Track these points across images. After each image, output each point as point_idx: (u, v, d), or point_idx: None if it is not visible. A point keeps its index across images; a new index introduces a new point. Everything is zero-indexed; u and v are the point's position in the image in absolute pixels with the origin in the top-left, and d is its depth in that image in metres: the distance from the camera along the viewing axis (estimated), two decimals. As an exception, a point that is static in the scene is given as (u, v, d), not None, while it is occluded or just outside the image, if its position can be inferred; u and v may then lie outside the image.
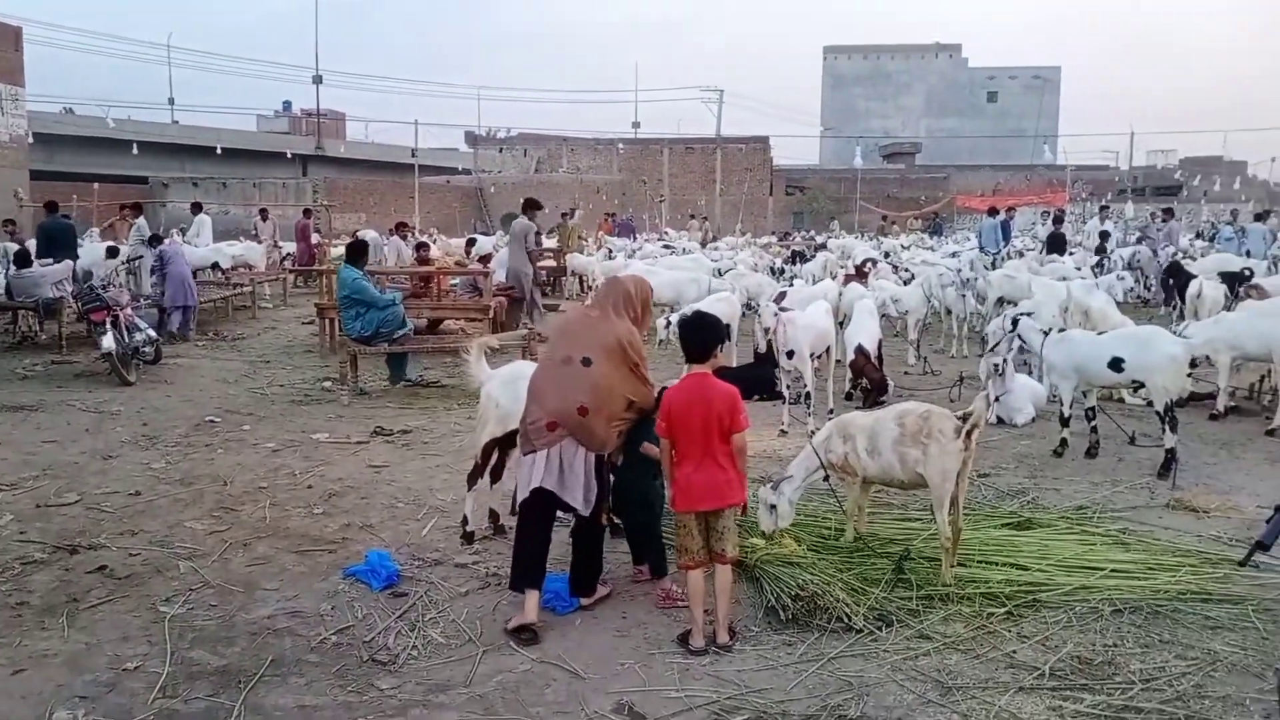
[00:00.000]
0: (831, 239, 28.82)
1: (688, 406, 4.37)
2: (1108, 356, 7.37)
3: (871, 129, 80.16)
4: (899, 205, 47.58)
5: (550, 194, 47.09)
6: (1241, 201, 39.96)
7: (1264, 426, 8.53)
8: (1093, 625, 4.56)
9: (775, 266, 17.22)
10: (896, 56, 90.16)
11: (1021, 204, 39.73)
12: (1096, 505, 6.34)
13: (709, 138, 50.46)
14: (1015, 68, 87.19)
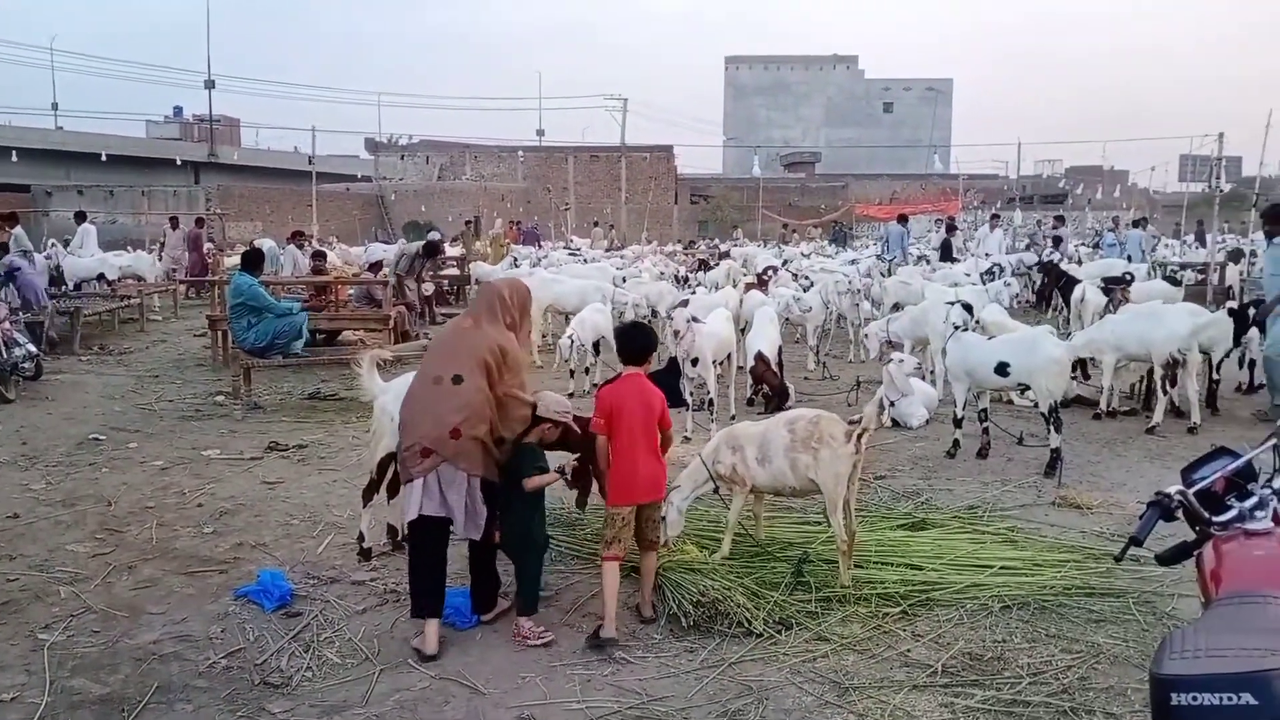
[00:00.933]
0: (735, 247, 29.15)
1: (629, 403, 4.61)
2: (994, 361, 7.62)
3: (773, 138, 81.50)
4: (800, 214, 48.47)
5: (453, 201, 46.74)
6: (1123, 209, 41.82)
7: (1145, 425, 8.91)
8: (983, 622, 4.70)
9: (679, 275, 17.33)
10: (796, 67, 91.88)
11: (918, 212, 40.79)
12: (987, 504, 6.54)
13: (614, 146, 50.66)
14: (910, 79, 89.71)
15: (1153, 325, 8.78)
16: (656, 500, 4.80)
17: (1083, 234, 35.21)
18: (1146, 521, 2.95)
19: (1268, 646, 2.17)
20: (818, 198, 54.06)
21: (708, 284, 15.93)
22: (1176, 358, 8.63)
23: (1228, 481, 3.11)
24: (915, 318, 10.72)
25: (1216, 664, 2.12)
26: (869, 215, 46.32)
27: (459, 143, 55.86)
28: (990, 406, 8.38)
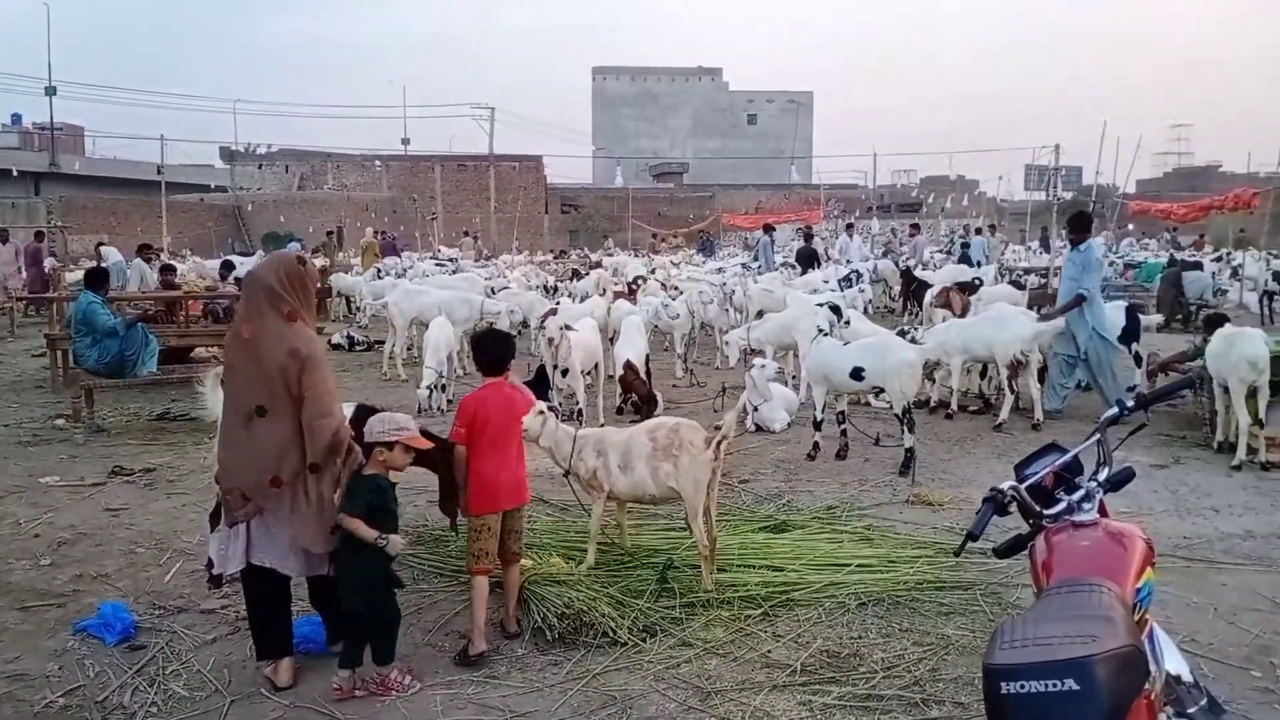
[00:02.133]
0: (606, 256, 29.30)
1: (491, 410, 4.56)
2: (849, 366, 7.87)
3: (642, 149, 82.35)
4: (670, 223, 49.07)
5: (315, 212, 45.45)
6: (973, 217, 43.89)
7: (993, 423, 9.33)
8: (841, 619, 4.82)
9: (547, 284, 17.29)
10: (663, 79, 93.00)
11: (782, 221, 41.81)
12: (846, 504, 6.73)
13: (482, 155, 50.09)
14: (772, 91, 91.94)
15: (996, 328, 9.23)
16: (521, 505, 4.77)
17: (937, 240, 36.73)
18: (982, 517, 3.08)
19: (1091, 633, 2.29)
20: (686, 207, 54.84)
21: (577, 293, 15.94)
22: (1020, 359, 9.09)
23: (1057, 476, 3.28)
24: (780, 324, 10.96)
25: (1042, 652, 2.22)
26: (736, 225, 47.25)
27: (320, 151, 54.37)
28: (848, 409, 8.65)
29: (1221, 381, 8.03)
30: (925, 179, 61.72)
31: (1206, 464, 7.97)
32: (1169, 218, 30.54)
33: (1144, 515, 6.55)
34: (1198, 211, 27.34)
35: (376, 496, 4.14)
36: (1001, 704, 2.18)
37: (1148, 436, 8.86)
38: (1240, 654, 4.44)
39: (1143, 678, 2.33)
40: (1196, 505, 6.83)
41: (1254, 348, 7.71)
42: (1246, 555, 5.80)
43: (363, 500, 4.10)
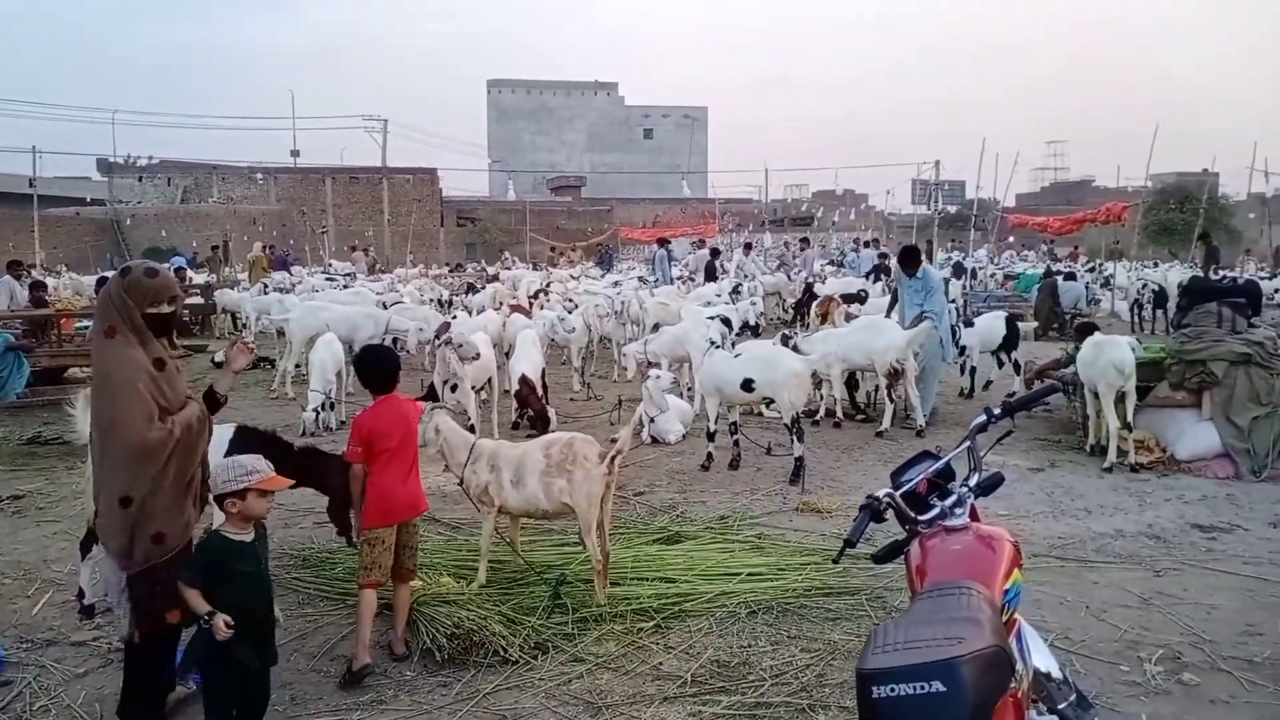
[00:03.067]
0: (504, 270, 29.10)
1: (389, 425, 4.52)
2: (740, 378, 7.98)
3: (538, 162, 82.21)
4: (568, 236, 48.99)
5: (199, 225, 44.00)
6: (862, 230, 45.04)
7: (876, 430, 9.58)
8: (731, 629, 4.87)
9: (443, 299, 17.07)
10: (559, 92, 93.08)
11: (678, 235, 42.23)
12: (738, 514, 6.81)
13: (375, 168, 49.24)
14: (668, 106, 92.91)
15: (873, 337, 9.50)
16: (416, 516, 4.72)
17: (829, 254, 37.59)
18: (859, 524, 3.15)
19: (958, 635, 2.36)
20: (584, 221, 54.91)
21: (472, 307, 15.78)
22: (896, 367, 9.36)
23: (930, 482, 3.37)
24: (676, 336, 11.04)
25: (911, 655, 2.28)
26: (633, 238, 47.50)
27: (205, 163, 52.67)
28: (741, 420, 8.76)
29: (1092, 387, 8.40)
30: (817, 193, 63.13)
31: (1080, 467, 8.32)
32: (1046, 230, 31.87)
33: (1021, 517, 6.80)
34: (1072, 224, 28.62)
35: (216, 557, 3.59)
36: (872, 708, 2.22)
37: (1025, 441, 9.24)
38: (1110, 649, 4.63)
39: (1008, 677, 2.41)
40: (1070, 506, 7.12)
41: (1120, 354, 8.10)
42: (1116, 554, 6.06)
43: (197, 565, 3.60)
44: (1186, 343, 8.51)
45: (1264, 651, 4.58)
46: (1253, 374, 8.12)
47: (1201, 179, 33.75)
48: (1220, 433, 8.08)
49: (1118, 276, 23.62)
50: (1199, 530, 6.51)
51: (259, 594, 3.70)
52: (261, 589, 3.73)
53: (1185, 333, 8.75)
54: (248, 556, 3.65)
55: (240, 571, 3.61)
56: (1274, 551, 6.06)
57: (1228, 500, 7.24)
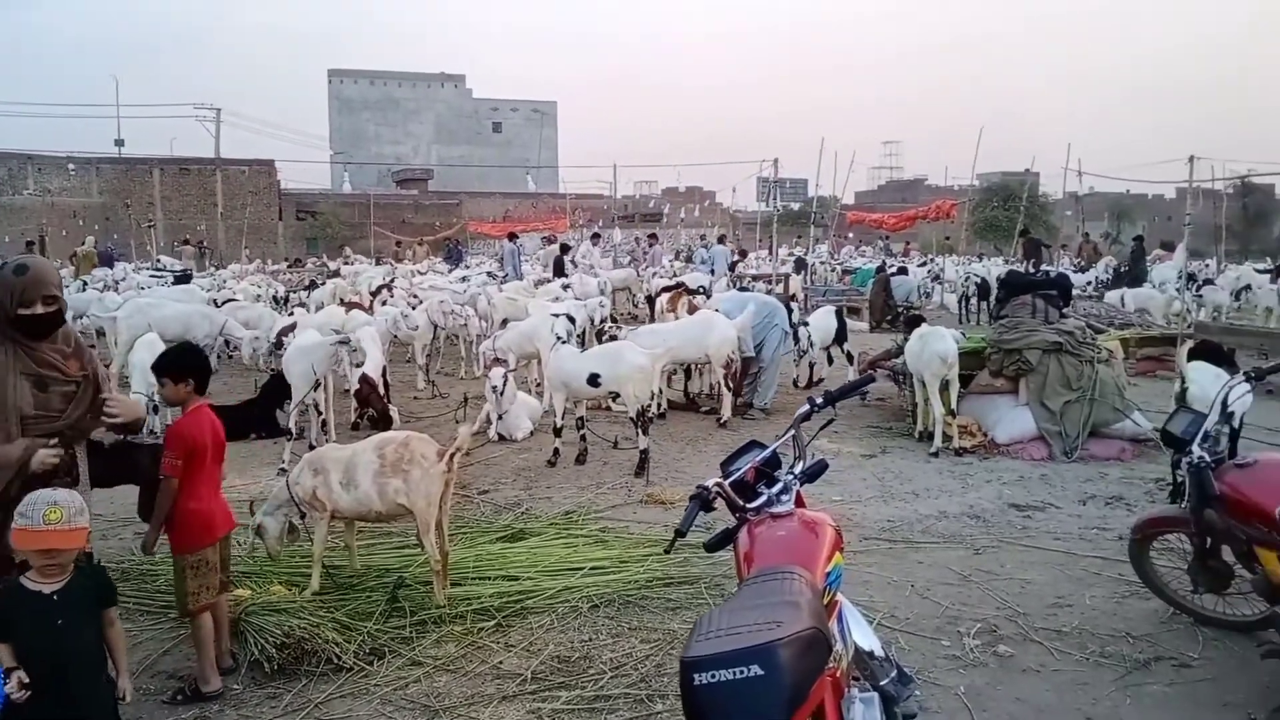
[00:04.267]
0: (345, 265, 28.24)
1: (207, 434, 4.27)
2: (586, 373, 8.00)
3: (383, 154, 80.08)
4: (415, 230, 47.95)
5: (12, 219, 40.90)
6: (709, 227, 45.87)
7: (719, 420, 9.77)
8: (573, 624, 4.87)
9: (278, 295, 16.43)
10: (404, 84, 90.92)
11: (529, 229, 41.98)
12: (583, 508, 6.82)
13: (207, 159, 46.92)
14: (517, 100, 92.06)
15: (706, 331, 9.69)
16: (231, 530, 4.52)
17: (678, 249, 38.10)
18: (689, 514, 3.20)
19: (777, 619, 2.41)
20: (432, 214, 53.84)
21: (310, 304, 15.24)
22: (734, 359, 9.58)
23: (757, 471, 3.46)
24: (524, 332, 10.96)
25: (732, 641, 2.32)
26: (483, 233, 46.93)
27: (19, 153, 48.97)
28: (588, 414, 8.78)
29: (919, 376, 8.80)
30: (666, 190, 63.86)
31: (909, 452, 8.71)
32: (882, 227, 33.19)
33: (854, 502, 7.06)
34: (905, 221, 29.88)
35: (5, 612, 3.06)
36: (694, 695, 2.25)
37: (859, 429, 9.61)
38: (932, 625, 4.86)
39: (825, 657, 2.48)
40: (899, 490, 7.44)
41: (944, 345, 8.52)
42: (941, 534, 6.37)
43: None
44: (1004, 333, 9.03)
45: (1072, 621, 4.89)
46: (1064, 361, 8.68)
47: (1024, 178, 35.84)
48: (1035, 417, 8.61)
49: (947, 271, 24.89)
50: (1016, 509, 6.91)
51: (63, 653, 3.07)
52: (65, 647, 3.07)
53: (1003, 323, 9.29)
54: (48, 610, 3.05)
55: (34, 628, 3.04)
56: (1083, 528, 6.48)
57: (1042, 480, 7.71)
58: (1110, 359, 8.98)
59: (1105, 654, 4.50)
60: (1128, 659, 4.44)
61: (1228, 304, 18.92)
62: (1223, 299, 18.83)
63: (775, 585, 2.69)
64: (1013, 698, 4.10)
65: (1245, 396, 5.71)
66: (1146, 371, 12.43)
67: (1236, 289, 21.53)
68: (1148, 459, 8.20)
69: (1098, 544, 6.08)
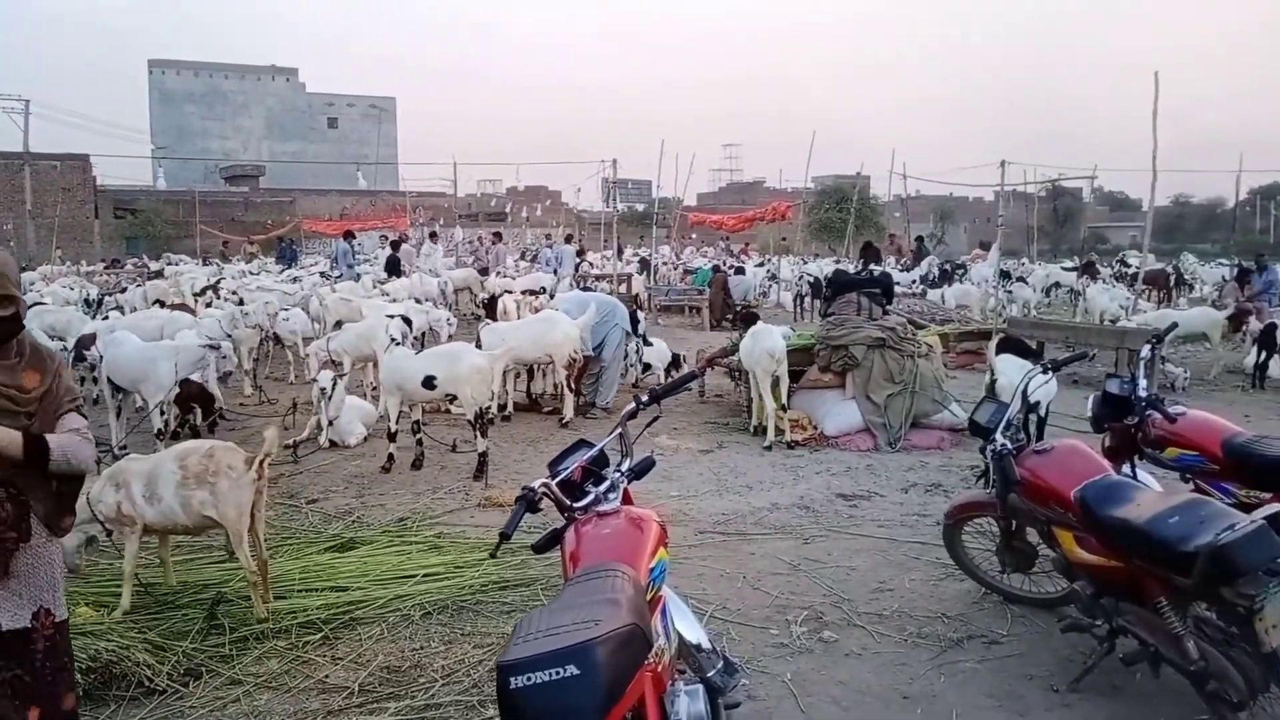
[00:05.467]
0: (167, 266, 26.79)
1: None
2: (421, 374, 7.83)
3: (210, 149, 76.42)
4: (245, 229, 45.93)
5: None
6: (554, 226, 45.86)
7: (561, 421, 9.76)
8: (404, 633, 4.75)
9: (90, 298, 15.41)
10: (231, 76, 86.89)
11: (368, 228, 40.86)
12: (418, 514, 6.67)
13: (14, 153, 43.64)
14: (354, 95, 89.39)
15: (548, 329, 9.68)
16: None
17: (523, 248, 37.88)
18: (514, 516, 3.16)
19: (596, 617, 2.41)
20: (264, 213, 51.68)
21: (125, 305, 14.36)
22: (575, 357, 9.60)
23: (585, 470, 3.46)
24: (358, 334, 10.64)
25: (550, 642, 2.31)
26: (318, 231, 45.40)
27: None
28: (426, 418, 8.61)
29: (752, 372, 9.03)
30: (510, 189, 63.43)
31: (745, 446, 8.92)
32: (722, 227, 33.92)
33: (691, 497, 7.18)
34: (744, 222, 30.63)
35: None
36: (509, 698, 2.22)
37: (697, 426, 9.79)
38: (761, 615, 4.98)
39: (644, 652, 2.50)
40: (734, 484, 7.61)
41: (773, 342, 8.77)
42: (772, 526, 6.54)
43: None
44: (831, 330, 9.37)
45: (893, 605, 5.11)
46: (887, 356, 9.08)
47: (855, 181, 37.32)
48: (861, 410, 8.97)
49: (782, 271, 25.67)
50: (843, 499, 7.17)
51: None
52: None
53: (830, 320, 9.63)
54: None
55: None
56: (904, 514, 6.79)
57: (867, 470, 8.04)
58: (929, 353, 9.44)
59: (922, 634, 4.72)
60: (942, 638, 4.67)
61: (1037, 300, 20.25)
62: (1033, 295, 20.15)
63: (598, 584, 2.70)
64: (836, 681, 4.25)
65: (1045, 386, 6.12)
66: (966, 364, 13.14)
67: (1046, 286, 23.12)
68: (965, 448, 8.65)
69: (918, 530, 6.38)
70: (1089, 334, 12.72)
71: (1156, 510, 3.66)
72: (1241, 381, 12.94)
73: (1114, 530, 3.77)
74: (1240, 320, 14.09)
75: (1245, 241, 46.11)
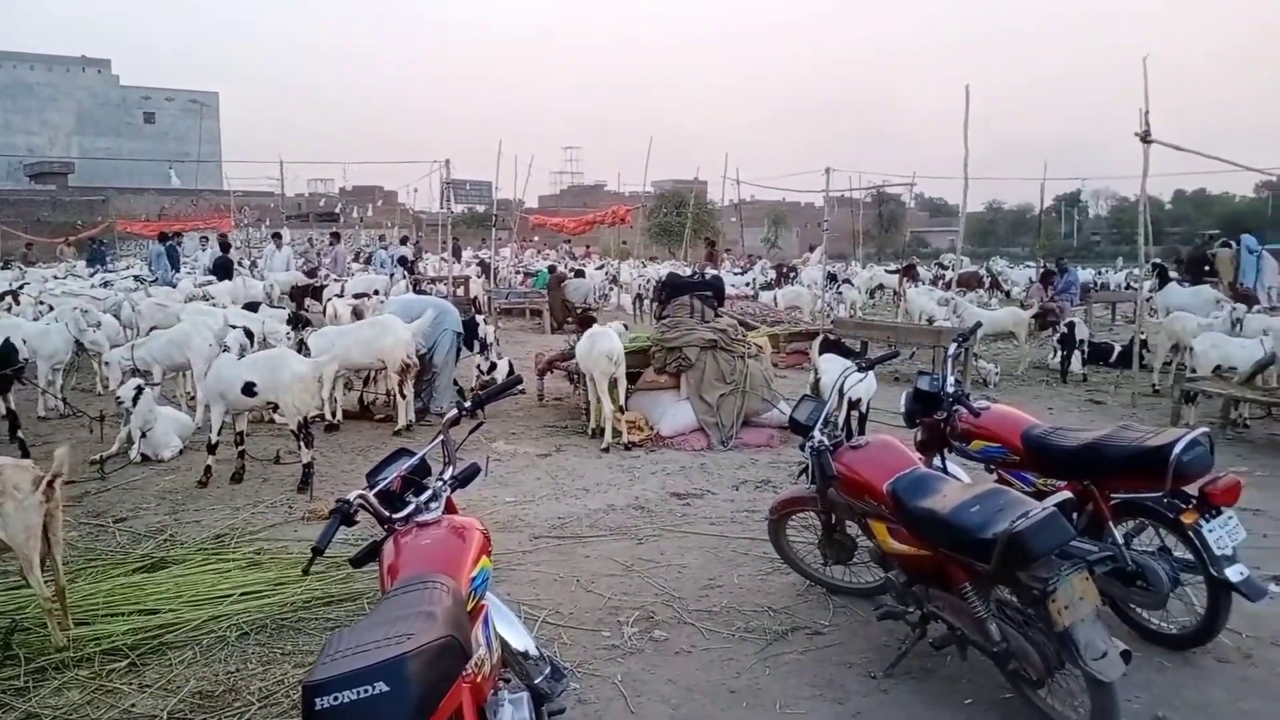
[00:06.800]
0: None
1: None
2: (242, 381, 7.48)
3: (14, 145, 70.95)
4: (52, 230, 42.86)
5: None
6: (389, 227, 44.75)
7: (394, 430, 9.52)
8: (219, 655, 4.51)
9: None
10: (37, 67, 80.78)
11: (189, 229, 38.84)
12: (236, 530, 6.36)
13: None
14: (172, 90, 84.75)
15: (380, 334, 9.44)
16: None
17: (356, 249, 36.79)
18: (327, 530, 3.06)
19: (408, 631, 2.35)
20: (73, 213, 48.33)
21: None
22: (409, 362, 9.39)
23: (405, 479, 3.38)
24: (172, 340, 10.06)
25: (359, 659, 2.23)
26: (134, 233, 42.84)
27: None
28: (249, 428, 8.23)
29: (590, 374, 9.05)
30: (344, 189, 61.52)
31: (582, 449, 8.93)
32: (562, 230, 33.92)
33: (527, 502, 7.13)
34: (585, 225, 30.67)
35: None
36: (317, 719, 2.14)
37: (536, 429, 9.74)
38: (594, 618, 4.99)
39: (460, 664, 2.45)
40: (571, 487, 7.60)
41: (610, 344, 8.82)
42: (608, 527, 6.57)
43: None
44: (666, 331, 9.51)
45: (722, 601, 5.21)
46: (719, 357, 9.28)
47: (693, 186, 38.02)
48: (695, 410, 9.13)
49: (623, 273, 25.90)
50: (677, 498, 7.28)
51: None
52: None
53: (665, 323, 9.78)
54: None
55: None
56: (735, 511, 6.94)
57: (701, 469, 8.18)
58: (759, 354, 9.70)
59: (749, 629, 4.83)
60: (769, 631, 4.80)
61: (862, 301, 21.15)
62: (859, 297, 21.02)
63: (414, 596, 2.63)
64: (665, 680, 4.29)
65: (863, 384, 6.40)
66: (795, 364, 13.59)
67: (871, 288, 24.17)
68: (793, 444, 8.86)
69: (747, 526, 6.53)
70: (909, 334, 13.37)
71: (960, 500, 3.86)
72: (1047, 376, 13.89)
73: (922, 520, 3.96)
74: (1045, 319, 15.13)
75: (1050, 245, 49.48)
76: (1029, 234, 67.66)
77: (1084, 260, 48.47)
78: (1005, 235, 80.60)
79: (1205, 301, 14.22)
